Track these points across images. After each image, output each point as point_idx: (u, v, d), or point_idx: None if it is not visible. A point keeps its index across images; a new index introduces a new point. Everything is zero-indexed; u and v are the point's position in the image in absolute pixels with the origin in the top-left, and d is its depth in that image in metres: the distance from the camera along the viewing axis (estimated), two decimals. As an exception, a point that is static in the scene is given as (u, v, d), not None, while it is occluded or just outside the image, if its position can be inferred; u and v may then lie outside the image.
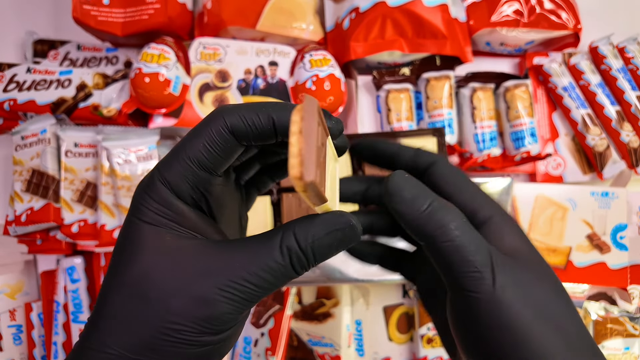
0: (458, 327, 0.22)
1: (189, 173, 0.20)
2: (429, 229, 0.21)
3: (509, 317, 0.20)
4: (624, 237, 0.59)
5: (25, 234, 0.56)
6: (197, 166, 0.20)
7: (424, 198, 0.22)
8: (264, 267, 0.19)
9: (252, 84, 0.59)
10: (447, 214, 0.22)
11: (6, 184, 0.61)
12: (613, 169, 0.60)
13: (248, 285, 0.19)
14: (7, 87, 0.56)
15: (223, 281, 0.19)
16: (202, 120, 0.21)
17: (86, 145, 0.57)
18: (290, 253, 0.20)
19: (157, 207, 0.20)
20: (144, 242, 0.20)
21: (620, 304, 0.60)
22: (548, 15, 0.61)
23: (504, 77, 0.62)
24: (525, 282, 0.21)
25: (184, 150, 0.20)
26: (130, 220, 0.21)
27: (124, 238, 0.21)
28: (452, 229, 0.21)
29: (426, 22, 0.58)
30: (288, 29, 0.60)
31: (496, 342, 0.20)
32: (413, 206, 0.22)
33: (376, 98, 0.63)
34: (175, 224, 0.20)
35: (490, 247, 0.22)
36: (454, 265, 0.21)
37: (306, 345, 0.60)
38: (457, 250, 0.21)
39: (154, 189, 0.20)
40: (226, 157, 0.21)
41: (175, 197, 0.20)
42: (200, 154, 0.20)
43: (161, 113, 0.57)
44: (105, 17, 0.56)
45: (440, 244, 0.21)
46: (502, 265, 0.21)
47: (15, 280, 0.58)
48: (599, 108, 0.61)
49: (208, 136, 0.20)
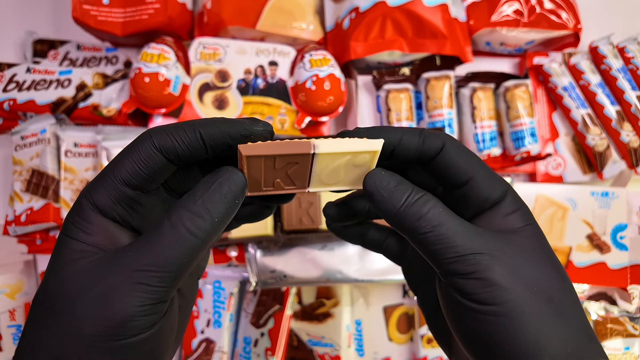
0: (450, 312, 0.22)
1: (112, 190, 0.20)
2: (407, 223, 0.21)
3: (495, 296, 0.20)
4: (624, 237, 0.59)
5: (25, 234, 0.56)
6: (122, 183, 0.21)
7: (401, 192, 0.22)
8: (157, 246, 0.19)
9: (252, 84, 0.59)
10: (424, 205, 0.21)
11: (6, 184, 0.61)
12: (613, 169, 0.60)
13: (147, 274, 0.19)
14: (7, 87, 0.56)
15: (121, 277, 0.19)
16: (132, 141, 0.21)
17: (86, 145, 0.57)
18: (180, 219, 0.19)
19: (79, 221, 0.21)
20: (62, 256, 0.20)
21: (620, 304, 0.59)
22: (548, 15, 0.61)
23: (504, 77, 0.62)
24: (516, 260, 0.21)
25: (111, 168, 0.21)
26: (58, 237, 0.21)
27: (53, 252, 0.21)
28: (430, 219, 0.21)
29: (426, 22, 0.58)
30: (288, 28, 0.60)
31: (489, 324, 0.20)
32: (391, 202, 0.22)
33: (376, 98, 0.63)
34: (94, 239, 0.20)
35: (473, 228, 0.22)
36: (437, 253, 0.21)
37: (306, 345, 0.60)
38: (438, 239, 0.21)
39: (79, 205, 0.21)
40: (154, 175, 0.21)
41: (98, 212, 0.21)
42: (126, 172, 0.20)
43: (161, 113, 0.57)
44: (105, 17, 0.56)
45: (421, 235, 0.21)
46: (488, 246, 0.21)
47: (15, 280, 0.58)
48: (599, 108, 0.61)
49: (135, 155, 0.21)
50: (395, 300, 0.61)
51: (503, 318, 0.20)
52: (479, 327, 0.20)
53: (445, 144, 0.23)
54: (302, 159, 0.22)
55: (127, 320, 0.18)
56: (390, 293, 0.61)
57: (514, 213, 0.23)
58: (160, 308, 0.20)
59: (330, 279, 0.56)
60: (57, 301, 0.19)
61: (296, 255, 0.56)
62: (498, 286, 0.20)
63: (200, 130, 0.21)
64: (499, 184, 0.23)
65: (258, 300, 0.59)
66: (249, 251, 0.57)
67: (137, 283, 0.19)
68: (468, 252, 0.20)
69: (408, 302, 0.61)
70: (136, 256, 0.19)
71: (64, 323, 0.19)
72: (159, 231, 0.20)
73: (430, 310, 0.28)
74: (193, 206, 0.20)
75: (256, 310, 0.59)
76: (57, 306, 0.19)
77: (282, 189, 0.24)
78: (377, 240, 0.29)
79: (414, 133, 0.23)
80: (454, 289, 0.21)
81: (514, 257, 0.21)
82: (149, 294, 0.19)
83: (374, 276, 0.56)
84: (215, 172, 0.21)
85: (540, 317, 0.20)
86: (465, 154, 0.23)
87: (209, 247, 0.21)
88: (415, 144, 0.23)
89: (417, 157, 0.24)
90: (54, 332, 0.19)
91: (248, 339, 0.58)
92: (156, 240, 0.19)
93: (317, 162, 0.23)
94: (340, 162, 0.23)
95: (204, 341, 0.58)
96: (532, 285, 0.20)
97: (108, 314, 0.18)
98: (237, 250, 0.60)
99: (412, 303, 0.61)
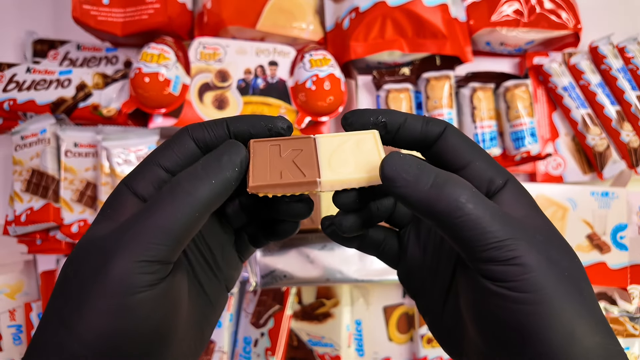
0: (478, 303, 0.21)
1: (148, 171, 0.23)
2: (440, 207, 0.20)
3: (534, 283, 0.19)
4: (624, 237, 0.59)
5: (25, 233, 0.56)
6: (157, 165, 0.23)
7: (427, 174, 0.20)
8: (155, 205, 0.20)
9: (252, 84, 0.59)
10: (455, 186, 0.20)
11: (6, 184, 0.61)
12: (613, 168, 0.60)
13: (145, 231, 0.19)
14: (7, 87, 0.56)
15: (122, 236, 0.20)
16: None
17: (86, 145, 0.57)
18: (179, 180, 0.21)
19: (113, 204, 0.22)
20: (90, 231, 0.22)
21: (620, 304, 0.59)
22: (548, 15, 0.61)
23: (504, 77, 0.62)
24: (547, 246, 0.20)
25: (151, 155, 0.23)
26: None
27: None
28: (465, 202, 0.20)
29: (426, 22, 0.58)
30: (288, 28, 0.60)
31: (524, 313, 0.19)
32: (417, 186, 0.20)
33: (376, 98, 0.63)
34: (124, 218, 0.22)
35: (505, 214, 0.20)
36: (473, 239, 0.19)
37: (306, 345, 0.60)
38: (474, 223, 0.19)
39: (117, 190, 0.23)
40: (185, 160, 0.23)
41: (132, 194, 0.22)
42: (162, 156, 0.23)
43: (161, 113, 0.57)
44: (105, 16, 0.56)
45: (455, 219, 0.20)
46: (520, 232, 0.20)
47: (15, 280, 0.58)
48: (599, 108, 0.61)
49: (173, 142, 0.23)
50: (395, 300, 0.61)
51: (539, 306, 0.19)
52: (512, 316, 0.19)
53: (446, 128, 0.23)
54: (305, 144, 0.24)
55: (126, 274, 0.19)
56: (390, 293, 0.61)
57: (519, 202, 0.22)
58: (159, 268, 0.20)
59: (330, 279, 0.56)
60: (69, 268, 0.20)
61: (296, 255, 0.56)
62: (537, 272, 0.19)
63: (227, 122, 0.24)
64: (499, 171, 0.23)
65: (258, 300, 0.59)
66: (249, 251, 0.57)
67: (135, 240, 0.19)
68: (506, 237, 0.19)
69: (408, 302, 0.61)
70: (137, 217, 0.20)
71: (72, 287, 0.19)
72: (160, 193, 0.21)
73: (435, 314, 0.26)
74: (192, 169, 0.21)
75: (256, 310, 0.59)
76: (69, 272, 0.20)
77: (290, 181, 0.23)
78: (376, 242, 0.28)
79: (418, 117, 0.24)
80: (488, 277, 0.20)
81: (545, 243, 0.20)
82: (147, 250, 0.19)
83: (374, 276, 0.56)
84: (220, 146, 0.23)
85: (574, 305, 0.19)
86: (466, 140, 0.23)
87: (208, 213, 0.21)
88: (419, 126, 0.24)
89: (420, 140, 0.24)
90: (67, 296, 0.20)
91: (248, 338, 0.58)
92: (155, 201, 0.20)
93: (320, 146, 0.24)
94: (345, 147, 0.24)
95: (204, 341, 0.58)
96: (562, 271, 0.20)
97: (108, 269, 0.19)
98: (237, 250, 0.60)
99: (412, 303, 0.61)
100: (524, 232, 0.20)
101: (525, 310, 0.19)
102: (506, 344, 0.20)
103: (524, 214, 0.22)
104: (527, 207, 0.22)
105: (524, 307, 0.19)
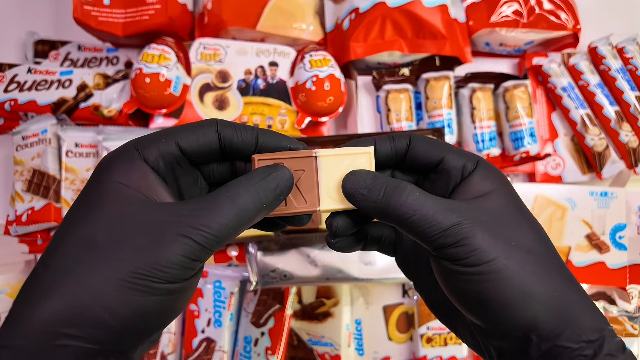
0: (444, 281, 0.24)
1: (164, 145, 0.23)
2: (392, 212, 0.23)
3: (481, 257, 0.22)
4: (623, 236, 0.59)
5: (26, 233, 0.56)
6: (175, 143, 0.23)
7: (378, 187, 0.24)
8: (212, 211, 0.21)
9: (252, 84, 0.59)
10: (402, 192, 0.23)
11: (7, 184, 0.61)
12: (612, 169, 0.60)
13: (197, 232, 0.21)
14: (8, 88, 0.57)
15: (172, 228, 0.21)
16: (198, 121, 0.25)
17: (87, 145, 0.57)
18: (238, 194, 0.22)
19: (125, 166, 0.22)
20: (105, 196, 0.22)
21: (620, 304, 0.60)
22: (547, 15, 0.61)
23: (503, 77, 0.63)
24: (493, 222, 0.23)
25: (169, 131, 0.24)
26: (94, 180, 0.23)
27: (87, 195, 0.22)
28: (411, 204, 0.23)
29: (426, 23, 0.58)
30: (288, 29, 0.60)
31: (479, 283, 0.22)
32: (371, 198, 0.24)
33: (376, 98, 0.63)
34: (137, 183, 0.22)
35: (450, 203, 0.24)
36: (425, 233, 0.23)
37: (306, 344, 0.60)
38: (422, 220, 0.23)
39: (126, 152, 0.23)
40: (203, 150, 0.24)
41: (143, 160, 0.23)
42: (183, 137, 0.23)
43: (162, 113, 0.57)
44: (105, 17, 0.56)
45: (407, 220, 0.23)
46: (464, 216, 0.23)
47: (16, 280, 0.58)
48: (598, 108, 0.61)
49: (199, 128, 0.24)
50: (395, 300, 0.62)
51: (490, 275, 0.22)
52: (470, 287, 0.22)
53: (410, 138, 0.27)
54: (307, 164, 0.25)
55: (169, 265, 0.20)
56: (390, 292, 0.62)
57: (485, 180, 0.25)
58: (196, 266, 0.21)
59: (330, 278, 0.56)
60: (99, 237, 0.20)
61: (296, 255, 0.56)
62: (481, 249, 0.22)
63: (258, 132, 0.25)
64: (469, 157, 0.26)
65: (258, 300, 0.59)
66: (249, 251, 0.57)
67: (186, 237, 0.20)
68: (450, 225, 0.22)
69: (408, 301, 0.62)
70: (191, 214, 0.21)
71: (104, 258, 0.20)
72: (216, 199, 0.22)
73: (428, 291, 0.29)
74: (250, 187, 0.23)
75: (256, 310, 0.59)
76: (100, 241, 0.20)
77: (293, 207, 0.25)
78: (376, 238, 0.30)
79: (384, 138, 0.27)
80: (445, 259, 0.23)
81: (490, 220, 0.23)
82: (193, 249, 0.21)
83: (374, 275, 0.56)
84: (271, 167, 0.24)
85: (523, 268, 0.22)
86: (431, 141, 0.26)
87: (246, 228, 0.23)
88: (389, 145, 0.27)
89: (393, 156, 0.27)
90: (88, 268, 0.20)
91: (248, 338, 0.59)
92: (212, 206, 0.22)
93: (321, 169, 0.25)
94: (341, 168, 0.25)
95: (205, 340, 0.58)
96: (510, 242, 0.23)
97: (154, 255, 0.20)
98: (237, 250, 0.60)
99: (412, 302, 0.61)
100: (468, 216, 0.23)
101: (481, 280, 0.22)
102: (477, 312, 0.23)
103: (491, 189, 0.25)
104: (495, 183, 0.25)
105: (479, 278, 0.22)
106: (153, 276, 0.20)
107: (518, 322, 0.22)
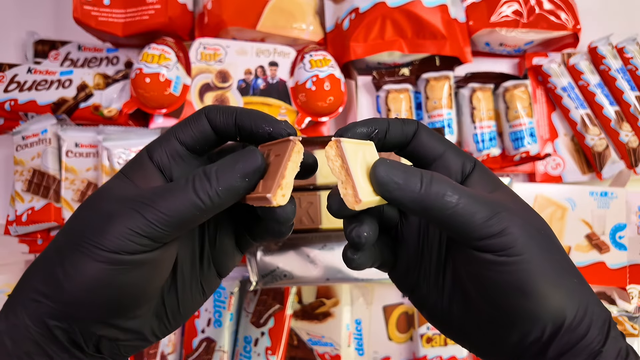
0: (480, 276, 0.23)
1: (166, 142, 0.25)
2: (431, 204, 0.22)
3: (523, 246, 0.22)
4: (623, 236, 0.59)
5: (26, 233, 0.56)
6: (175, 138, 0.25)
7: (415, 177, 0.23)
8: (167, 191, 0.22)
9: (252, 84, 0.59)
10: (440, 184, 0.23)
11: (7, 184, 0.61)
12: (612, 168, 0.60)
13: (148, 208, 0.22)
14: (8, 87, 0.57)
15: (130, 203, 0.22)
16: None
17: (87, 145, 0.57)
18: (193, 178, 0.23)
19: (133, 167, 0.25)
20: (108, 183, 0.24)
21: (620, 304, 0.60)
22: (547, 15, 0.61)
23: (503, 77, 0.63)
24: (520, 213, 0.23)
25: (170, 129, 0.26)
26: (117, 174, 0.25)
27: None
28: (451, 195, 0.22)
29: (426, 23, 0.58)
30: (288, 29, 0.60)
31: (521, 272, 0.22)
32: (408, 188, 0.22)
33: (376, 98, 0.63)
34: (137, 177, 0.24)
35: (481, 195, 0.23)
36: (467, 224, 0.22)
37: (306, 344, 0.60)
38: (463, 211, 0.22)
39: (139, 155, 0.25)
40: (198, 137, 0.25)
41: (150, 160, 0.25)
42: (180, 130, 0.25)
43: (162, 113, 0.57)
44: (105, 17, 0.56)
45: (446, 211, 0.22)
46: (499, 206, 0.23)
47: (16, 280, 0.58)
48: (598, 108, 0.61)
49: (189, 119, 0.25)
50: (395, 300, 0.62)
51: (530, 264, 0.22)
52: (512, 276, 0.22)
53: (418, 125, 0.26)
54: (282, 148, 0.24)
55: (114, 234, 0.21)
56: (390, 292, 0.62)
57: (486, 180, 0.25)
58: (147, 243, 0.22)
59: (330, 278, 0.56)
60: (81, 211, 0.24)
61: (296, 255, 0.56)
62: (522, 237, 0.22)
63: (237, 113, 0.25)
64: (467, 157, 0.26)
65: (258, 300, 0.59)
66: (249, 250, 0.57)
67: (137, 212, 0.22)
68: (491, 214, 0.22)
69: (408, 301, 0.62)
70: (153, 194, 0.22)
71: (73, 226, 0.23)
72: (176, 181, 0.23)
73: (434, 302, 0.27)
74: (207, 170, 0.23)
75: (256, 310, 0.59)
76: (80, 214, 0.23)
77: (256, 193, 0.23)
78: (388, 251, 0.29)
79: (396, 120, 0.26)
80: (487, 250, 0.22)
81: (518, 210, 0.23)
82: (140, 224, 0.21)
83: (374, 275, 0.56)
84: (239, 150, 0.24)
85: (554, 257, 0.23)
86: (434, 134, 0.26)
87: (212, 213, 0.23)
88: (400, 128, 0.26)
89: (401, 141, 0.26)
90: (63, 235, 0.23)
91: (248, 338, 0.59)
92: (169, 187, 0.23)
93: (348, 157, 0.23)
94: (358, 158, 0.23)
95: (205, 340, 0.58)
96: (539, 230, 0.23)
97: (104, 224, 0.22)
98: (237, 250, 0.60)
99: (412, 302, 0.61)
100: (502, 206, 0.23)
101: (521, 269, 0.22)
102: (512, 305, 0.22)
103: (491, 189, 0.25)
104: (493, 184, 0.26)
105: (520, 268, 0.22)
106: (98, 243, 0.21)
107: (551, 312, 0.22)
